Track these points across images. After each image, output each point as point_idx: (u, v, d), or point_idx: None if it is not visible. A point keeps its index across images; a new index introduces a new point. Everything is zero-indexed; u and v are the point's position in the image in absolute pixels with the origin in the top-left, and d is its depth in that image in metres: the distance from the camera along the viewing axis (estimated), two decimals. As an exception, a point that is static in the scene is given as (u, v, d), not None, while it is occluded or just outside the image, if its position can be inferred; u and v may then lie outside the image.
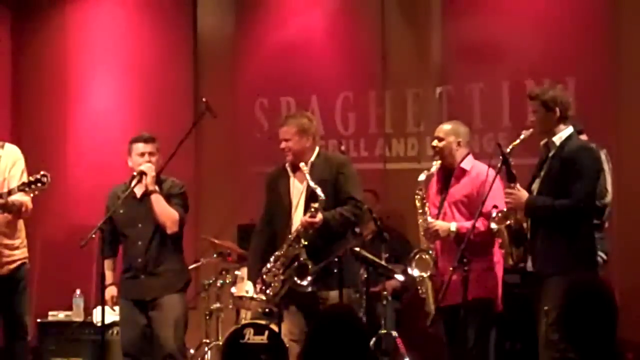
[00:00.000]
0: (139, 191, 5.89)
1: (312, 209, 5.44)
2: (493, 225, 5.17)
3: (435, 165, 5.63)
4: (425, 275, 5.55)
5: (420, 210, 5.61)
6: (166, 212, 5.82)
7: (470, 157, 5.67)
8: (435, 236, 5.55)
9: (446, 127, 5.70)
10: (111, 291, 5.97)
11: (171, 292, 5.87)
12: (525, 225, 5.17)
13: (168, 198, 5.87)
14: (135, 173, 5.83)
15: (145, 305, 5.86)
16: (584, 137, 5.61)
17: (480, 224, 5.38)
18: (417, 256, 5.60)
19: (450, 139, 5.62)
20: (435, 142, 5.66)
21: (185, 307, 5.97)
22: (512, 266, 5.33)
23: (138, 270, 5.86)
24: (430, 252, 5.56)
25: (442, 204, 5.62)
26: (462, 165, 5.61)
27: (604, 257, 5.70)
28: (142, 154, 5.87)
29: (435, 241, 5.58)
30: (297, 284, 5.46)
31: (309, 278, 5.43)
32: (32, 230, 6.22)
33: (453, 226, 5.50)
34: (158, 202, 5.82)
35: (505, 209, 5.17)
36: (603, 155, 5.78)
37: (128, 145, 5.95)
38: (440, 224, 5.54)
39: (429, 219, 5.56)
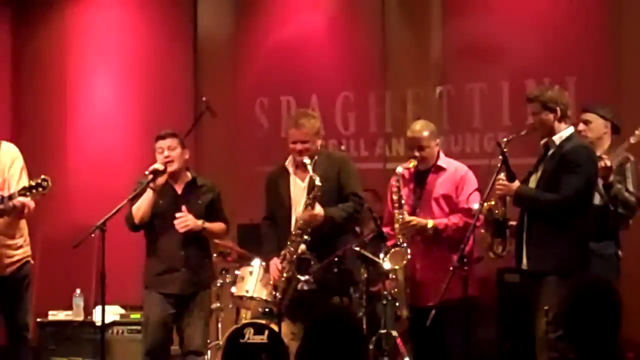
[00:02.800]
0: (179, 187, 5.89)
1: (309, 200, 5.47)
2: (475, 206, 5.25)
3: (412, 163, 5.68)
4: (397, 267, 5.60)
5: (397, 204, 5.66)
6: (217, 232, 6.00)
7: (441, 154, 5.80)
8: (413, 231, 5.60)
9: (425, 133, 5.70)
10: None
11: (206, 288, 5.98)
12: (509, 218, 5.22)
13: (211, 204, 5.91)
14: (147, 172, 5.78)
15: (182, 299, 5.84)
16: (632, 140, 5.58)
17: (459, 220, 5.53)
18: (392, 250, 5.64)
19: (432, 144, 5.70)
20: (416, 152, 5.66)
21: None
22: (495, 258, 5.38)
23: (178, 263, 5.82)
24: (404, 245, 5.60)
25: (417, 201, 5.69)
26: (440, 163, 5.73)
27: (619, 253, 5.71)
28: (162, 151, 5.85)
29: (411, 236, 5.62)
30: (298, 279, 5.48)
31: (309, 276, 5.45)
32: (32, 229, 6.19)
33: (430, 223, 5.61)
34: (211, 232, 5.91)
35: (493, 199, 5.21)
36: None
37: None
38: (418, 220, 5.62)
39: (406, 215, 5.61)
